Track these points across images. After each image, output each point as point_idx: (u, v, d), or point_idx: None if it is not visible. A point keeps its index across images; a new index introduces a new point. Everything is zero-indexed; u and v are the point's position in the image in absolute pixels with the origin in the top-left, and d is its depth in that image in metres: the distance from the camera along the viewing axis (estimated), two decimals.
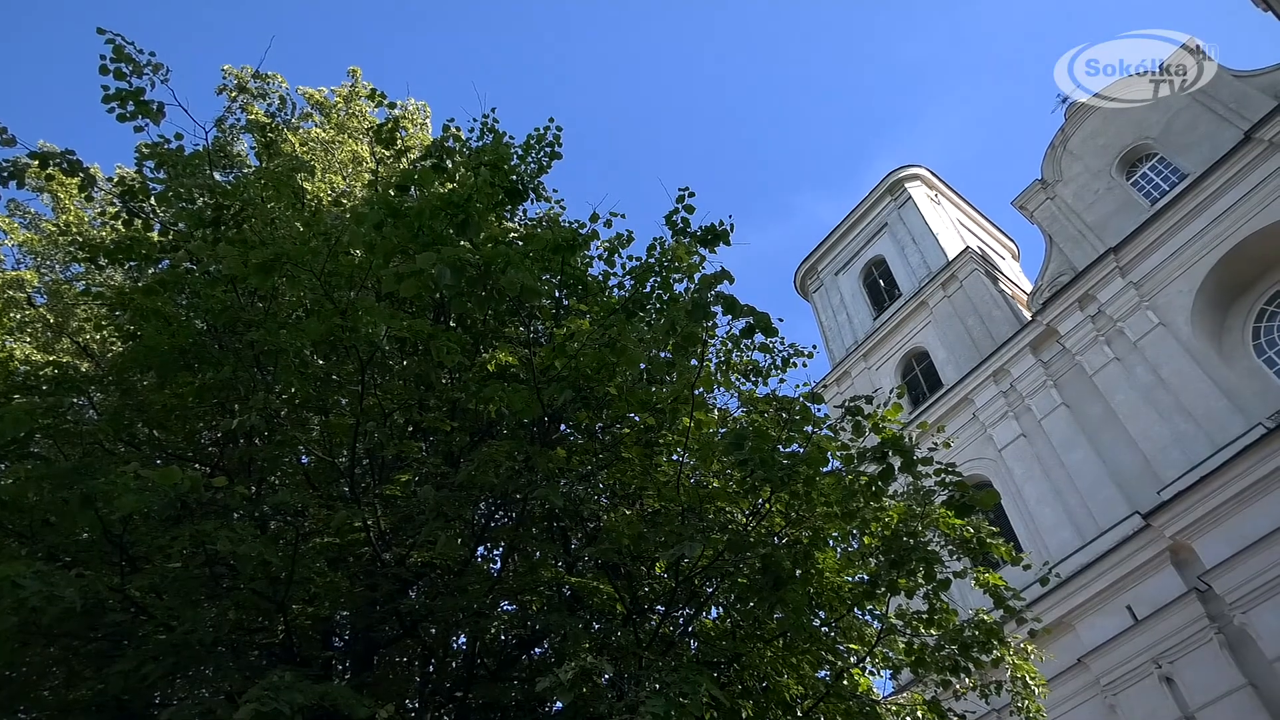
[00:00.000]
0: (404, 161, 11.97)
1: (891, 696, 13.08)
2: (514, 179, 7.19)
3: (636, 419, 8.34)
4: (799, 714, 7.84)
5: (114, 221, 9.13)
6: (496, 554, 9.60)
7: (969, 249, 29.11)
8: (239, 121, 12.69)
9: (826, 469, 6.80)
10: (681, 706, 5.48)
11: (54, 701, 7.02)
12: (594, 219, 9.24)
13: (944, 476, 7.83)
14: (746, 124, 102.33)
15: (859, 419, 7.17)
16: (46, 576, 4.93)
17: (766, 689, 7.91)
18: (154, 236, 8.06)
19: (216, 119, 12.55)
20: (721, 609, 8.62)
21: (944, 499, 7.85)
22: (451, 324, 9.28)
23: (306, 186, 10.70)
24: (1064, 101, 28.42)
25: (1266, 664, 16.27)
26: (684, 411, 7.30)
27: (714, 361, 9.92)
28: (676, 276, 8.73)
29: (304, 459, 8.69)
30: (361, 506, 7.23)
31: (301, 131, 13.12)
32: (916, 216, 32.17)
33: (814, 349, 11.20)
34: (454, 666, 8.83)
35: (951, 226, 32.76)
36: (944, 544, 8.52)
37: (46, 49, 74.69)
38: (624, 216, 9.88)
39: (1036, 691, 9.67)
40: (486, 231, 6.45)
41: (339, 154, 12.99)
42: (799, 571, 6.89)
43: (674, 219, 8.17)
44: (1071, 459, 22.04)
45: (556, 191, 14.88)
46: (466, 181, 6.95)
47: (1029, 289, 29.30)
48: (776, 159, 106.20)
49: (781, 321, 10.31)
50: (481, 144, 10.22)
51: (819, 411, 7.35)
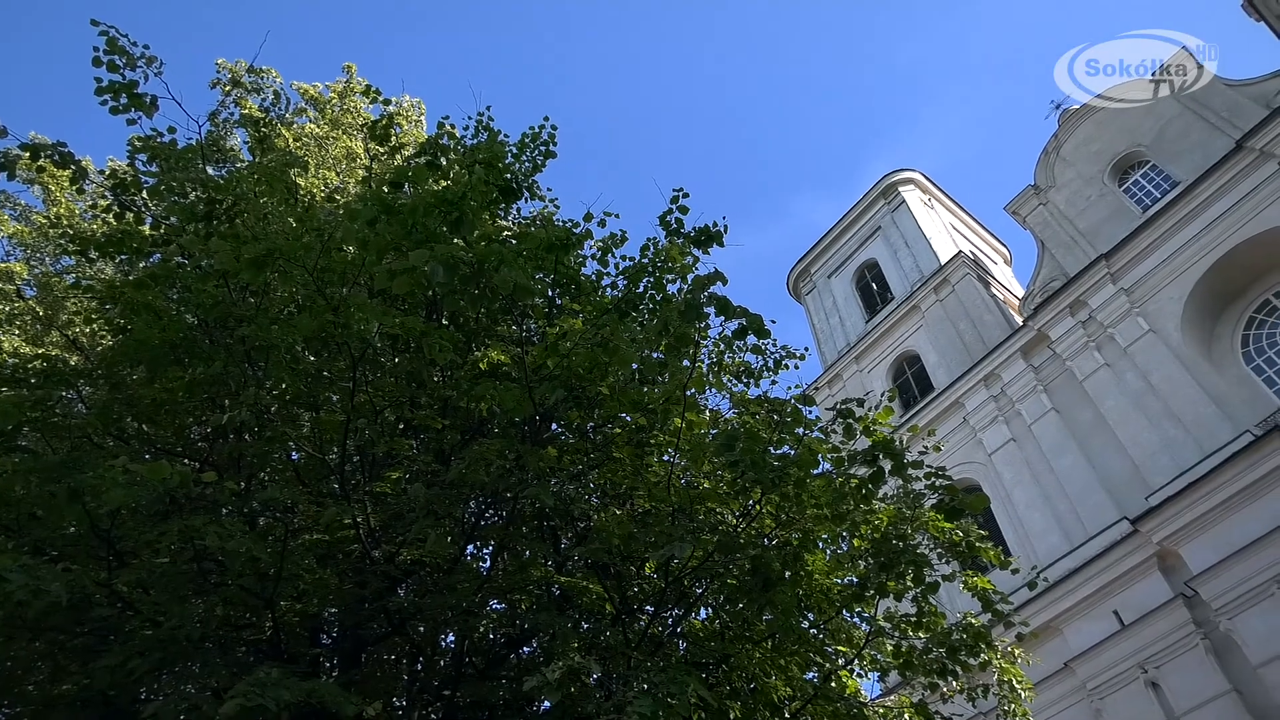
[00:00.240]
0: (398, 158, 11.94)
1: (879, 699, 13.13)
2: (508, 177, 7.17)
3: (628, 419, 8.34)
4: (787, 715, 7.85)
5: (105, 214, 9.08)
6: (486, 552, 9.59)
7: (961, 253, 29.23)
8: (233, 116, 12.63)
9: (817, 471, 6.81)
10: (669, 707, 5.49)
11: (39, 696, 6.98)
12: (588, 218, 9.25)
13: (934, 480, 7.87)
14: (745, 124, 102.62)
15: (850, 421, 7.18)
16: (32, 570, 4.90)
17: (755, 690, 7.92)
18: (145, 230, 8.01)
19: (210, 113, 12.51)
20: (711, 610, 8.63)
21: (934, 502, 7.89)
22: (444, 322, 9.26)
23: (300, 182, 10.65)
24: (1057, 108, 28.64)
25: (1251, 670, 16.37)
26: (675, 412, 7.30)
27: (706, 362, 9.92)
28: (670, 277, 8.73)
29: (294, 455, 8.65)
30: (351, 503, 7.21)
31: (295, 127, 13.05)
32: (910, 220, 32.29)
33: (806, 351, 11.22)
34: (442, 665, 8.81)
35: (944, 230, 32.90)
36: (933, 547, 8.53)
37: (40, 42, 74.30)
38: (618, 216, 9.89)
39: (1023, 695, 9.72)
40: (480, 229, 6.43)
41: (333, 150, 12.93)
42: (788, 573, 6.90)
43: (668, 219, 8.17)
44: (1061, 464, 22.15)
45: (551, 190, 14.84)
46: (461, 179, 6.93)
47: (1021, 294, 29.45)
48: (774, 160, 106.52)
49: (774, 323, 10.29)
50: (476, 142, 10.22)
51: (810, 414, 7.38)
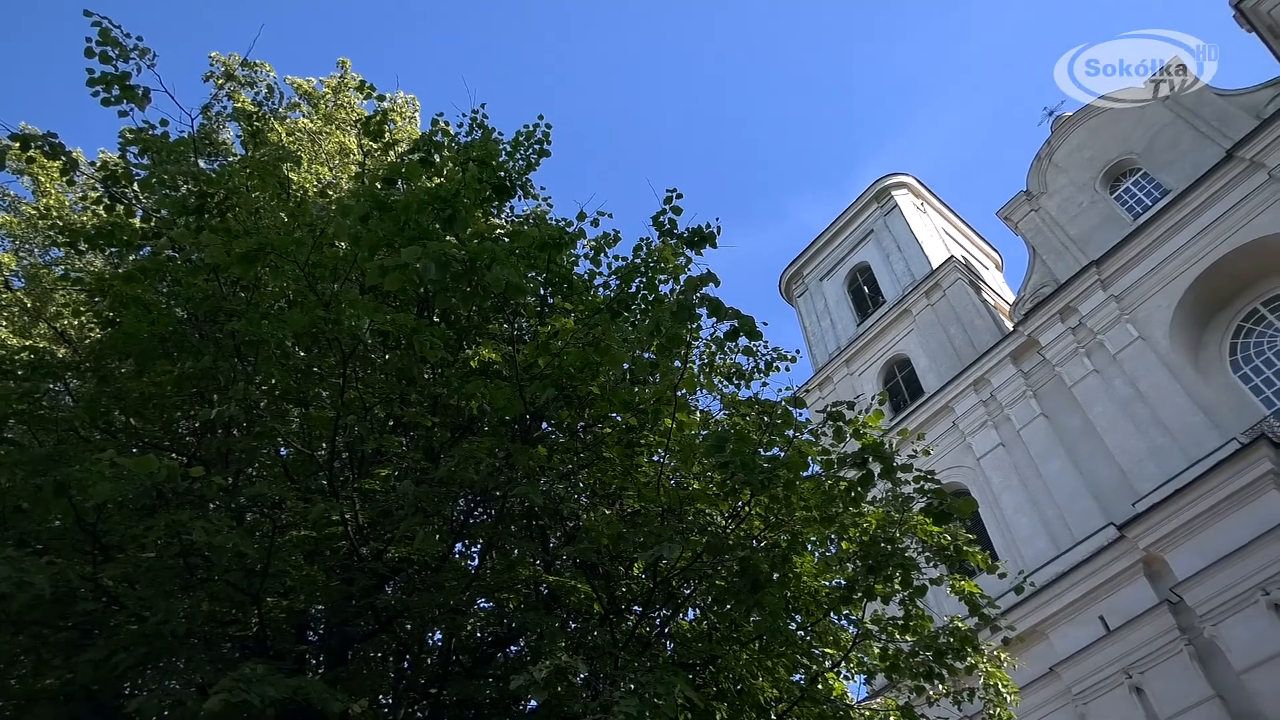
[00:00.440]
0: (392, 155, 11.90)
1: (865, 701, 13.16)
2: (502, 175, 7.16)
3: (619, 419, 8.34)
4: (773, 717, 7.86)
5: (96, 206, 9.03)
6: (475, 551, 9.57)
7: (953, 258, 29.34)
8: (225, 109, 12.55)
9: (806, 473, 6.83)
10: (655, 707, 5.49)
11: (21, 690, 6.93)
12: (581, 218, 9.24)
13: (923, 484, 7.90)
14: (742, 125, 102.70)
15: (840, 424, 7.19)
16: (16, 563, 4.88)
17: (741, 691, 7.92)
18: (136, 223, 7.97)
19: (203, 106, 12.40)
20: (698, 611, 8.63)
21: (922, 506, 7.92)
22: (435, 319, 9.23)
23: (292, 177, 10.61)
24: (1051, 114, 28.77)
25: (1234, 676, 16.46)
26: (666, 413, 7.30)
27: (697, 363, 9.94)
28: (662, 278, 8.74)
29: (283, 451, 8.62)
30: (340, 500, 7.19)
31: (289, 121, 12.99)
32: (902, 224, 32.38)
33: (797, 354, 11.25)
34: (429, 663, 8.80)
35: (936, 235, 32.99)
36: (921, 551, 8.55)
37: (33, 34, 73.81)
38: (611, 216, 9.89)
39: (1009, 699, 9.75)
40: (473, 227, 6.41)
41: (326, 145, 12.88)
42: (776, 575, 6.91)
43: (661, 220, 8.18)
44: (1049, 469, 22.25)
45: (544, 189, 14.82)
46: (454, 176, 6.93)
47: (1011, 299, 29.55)
48: (769, 161, 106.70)
49: (766, 325, 10.29)
50: (470, 139, 10.19)
51: (800, 416, 7.39)
